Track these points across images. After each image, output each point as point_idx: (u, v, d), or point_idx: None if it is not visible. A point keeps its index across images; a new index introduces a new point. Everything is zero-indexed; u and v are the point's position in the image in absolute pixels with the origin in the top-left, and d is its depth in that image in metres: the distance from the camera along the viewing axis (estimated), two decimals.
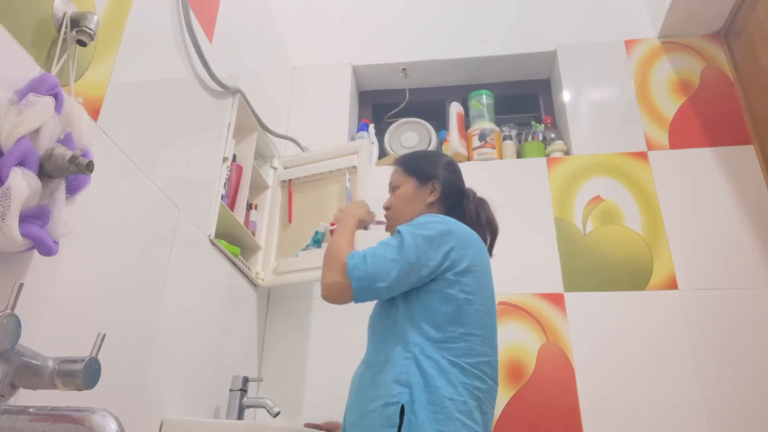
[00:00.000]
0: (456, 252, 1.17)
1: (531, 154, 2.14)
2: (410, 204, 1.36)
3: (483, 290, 1.21)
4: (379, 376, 1.11)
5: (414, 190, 1.37)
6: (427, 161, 1.42)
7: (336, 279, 1.12)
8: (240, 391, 1.57)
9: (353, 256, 1.13)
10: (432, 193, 1.36)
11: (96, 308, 1.02)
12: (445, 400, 1.05)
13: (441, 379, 1.07)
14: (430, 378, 1.06)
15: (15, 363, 0.72)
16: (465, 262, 1.17)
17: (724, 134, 1.98)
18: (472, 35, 2.41)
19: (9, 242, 0.75)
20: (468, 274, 1.17)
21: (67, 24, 0.95)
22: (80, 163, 0.83)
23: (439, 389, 1.06)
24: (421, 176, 1.37)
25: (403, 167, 1.42)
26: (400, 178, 1.41)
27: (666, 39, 2.19)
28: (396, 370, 1.09)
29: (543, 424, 1.67)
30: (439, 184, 1.36)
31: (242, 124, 1.82)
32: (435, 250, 1.15)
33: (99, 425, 0.64)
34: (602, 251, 1.88)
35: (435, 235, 1.17)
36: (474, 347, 1.13)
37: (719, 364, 1.67)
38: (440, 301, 1.14)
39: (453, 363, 1.09)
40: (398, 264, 1.12)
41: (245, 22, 1.90)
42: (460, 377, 1.08)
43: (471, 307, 1.15)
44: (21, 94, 0.82)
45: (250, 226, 1.86)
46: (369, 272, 1.11)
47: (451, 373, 1.08)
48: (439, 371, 1.08)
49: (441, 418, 1.03)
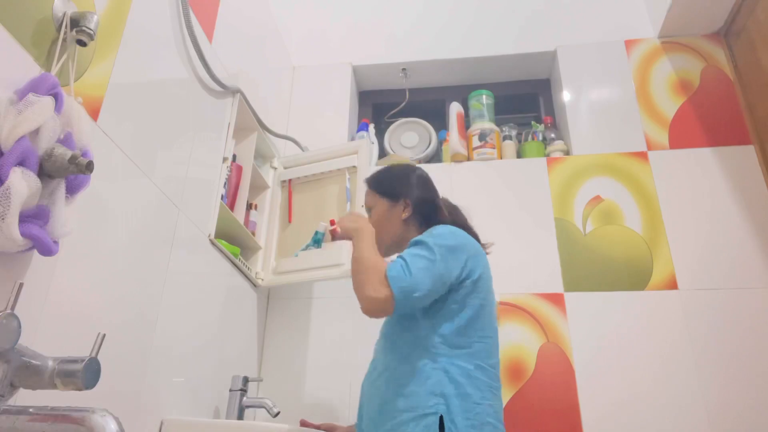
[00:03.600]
0: (471, 261, 1.22)
1: (531, 154, 2.14)
2: (384, 225, 1.38)
3: (490, 295, 1.27)
4: (406, 389, 1.14)
5: (387, 211, 1.39)
6: (396, 180, 1.43)
7: (380, 291, 1.11)
8: (240, 391, 1.57)
9: (392, 267, 1.13)
10: (405, 210, 1.38)
11: (96, 308, 1.02)
12: (476, 407, 1.10)
13: (470, 386, 1.12)
14: (461, 386, 1.11)
15: (15, 363, 0.72)
16: (478, 270, 1.23)
17: (724, 134, 1.98)
18: (472, 35, 2.41)
19: (9, 242, 0.75)
20: (481, 281, 1.23)
21: (66, 24, 0.95)
22: (80, 163, 0.83)
23: (470, 396, 1.11)
24: (392, 195, 1.40)
25: (374, 188, 1.44)
26: (373, 200, 1.43)
27: (666, 39, 2.19)
28: (428, 381, 1.12)
29: (543, 423, 1.67)
30: (410, 200, 1.38)
31: (242, 124, 1.82)
32: (456, 261, 1.19)
33: (99, 425, 0.64)
34: (602, 251, 1.88)
35: (455, 245, 1.21)
36: (490, 349, 1.19)
37: (719, 364, 1.67)
38: (460, 308, 1.18)
39: (478, 366, 1.15)
40: (431, 273, 1.14)
41: (245, 22, 1.90)
42: (485, 380, 1.14)
43: (485, 311, 1.21)
44: (21, 94, 0.82)
45: (250, 226, 1.86)
46: (410, 282, 1.11)
47: (477, 378, 1.13)
48: (468, 378, 1.13)
49: (476, 424, 1.08)
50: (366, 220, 1.34)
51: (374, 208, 1.41)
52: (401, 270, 1.12)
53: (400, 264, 1.14)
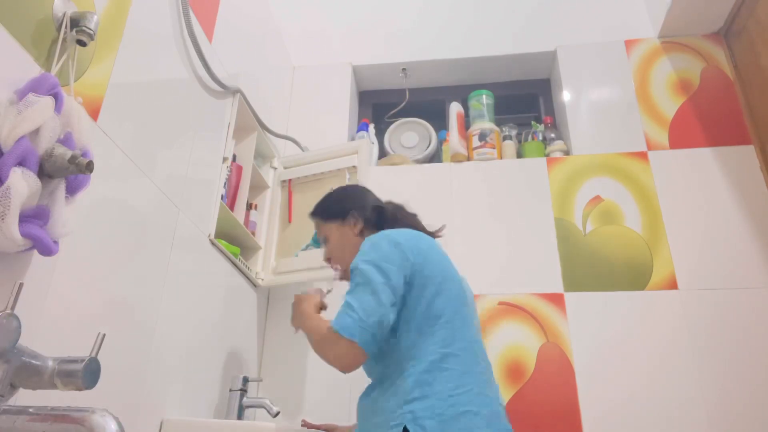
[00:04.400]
0: (412, 255, 1.20)
1: (531, 154, 2.14)
2: (343, 247, 1.39)
3: (446, 273, 1.24)
4: (377, 404, 1.15)
5: (340, 232, 1.40)
6: (335, 201, 1.45)
7: (339, 348, 1.11)
8: (240, 391, 1.57)
9: (336, 320, 1.13)
10: (356, 225, 1.39)
11: (96, 308, 1.02)
12: (449, 399, 1.08)
13: (440, 381, 1.10)
14: (428, 386, 1.09)
15: (15, 363, 0.72)
16: (420, 258, 1.21)
17: (724, 134, 1.98)
18: (472, 35, 2.41)
19: (9, 242, 0.75)
20: (428, 266, 1.21)
21: (66, 24, 0.95)
22: (80, 163, 0.83)
23: (439, 393, 1.09)
24: (338, 216, 1.41)
25: (320, 217, 1.45)
26: (324, 229, 1.44)
27: (666, 39, 2.19)
28: (397, 393, 1.11)
29: (543, 424, 1.67)
30: (357, 213, 1.39)
31: (242, 124, 1.82)
32: (397, 263, 1.18)
33: (99, 425, 0.64)
34: (602, 251, 1.88)
35: (387, 250, 1.20)
36: (457, 330, 1.17)
37: (719, 364, 1.67)
38: (417, 303, 1.17)
39: (447, 355, 1.13)
40: (376, 291, 1.13)
41: (245, 22, 1.90)
42: (457, 368, 1.12)
43: (441, 295, 1.19)
44: (21, 94, 0.82)
45: (250, 226, 1.86)
46: (359, 317, 1.10)
47: (448, 369, 1.11)
48: (439, 372, 1.11)
49: (448, 418, 1.06)
50: (300, 305, 1.34)
51: (329, 236, 1.43)
52: (345, 315, 1.12)
53: (342, 311, 1.13)
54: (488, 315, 1.83)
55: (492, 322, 1.83)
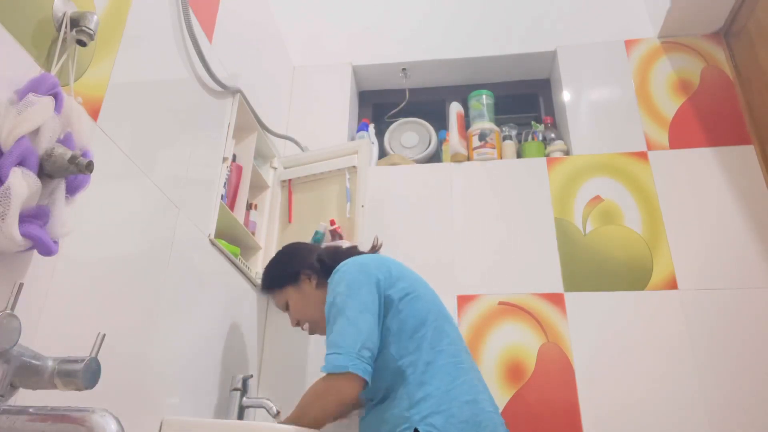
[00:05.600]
0: (379, 271, 1.25)
1: (531, 154, 2.14)
2: (306, 305, 1.43)
3: (413, 280, 1.31)
4: (385, 414, 1.17)
5: (298, 293, 1.45)
6: (281, 269, 1.50)
7: (337, 387, 1.14)
8: (240, 391, 1.57)
9: (325, 366, 1.16)
10: (311, 279, 1.44)
11: (96, 308, 1.02)
12: (450, 392, 1.13)
13: (437, 378, 1.14)
14: (428, 385, 1.13)
15: (15, 363, 0.72)
16: (386, 272, 1.26)
17: (724, 134, 1.98)
18: (472, 35, 2.41)
19: (9, 242, 0.75)
20: (397, 276, 1.27)
21: (66, 24, 0.94)
22: (80, 163, 0.83)
23: (438, 389, 1.12)
24: (291, 280, 1.46)
25: (274, 287, 1.50)
26: (280, 297, 1.49)
27: (666, 39, 2.19)
28: (401, 401, 1.14)
29: (543, 424, 1.67)
30: (307, 269, 1.45)
31: (242, 124, 1.82)
32: (366, 282, 1.22)
33: (99, 425, 0.64)
34: (602, 251, 1.88)
35: (352, 280, 1.24)
36: (440, 331, 1.23)
37: (719, 364, 1.67)
38: (398, 313, 1.22)
39: (440, 352, 1.18)
40: (354, 319, 1.16)
41: (245, 22, 1.90)
42: (448, 360, 1.18)
43: (420, 301, 1.25)
44: (21, 94, 0.82)
45: (250, 226, 1.86)
46: (346, 350, 1.13)
47: (442, 366, 1.17)
48: (434, 372, 1.16)
49: (454, 409, 1.11)
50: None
51: (289, 301, 1.47)
52: (331, 356, 1.14)
53: (327, 353, 1.16)
54: (488, 315, 1.83)
55: (492, 322, 1.83)
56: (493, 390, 1.72)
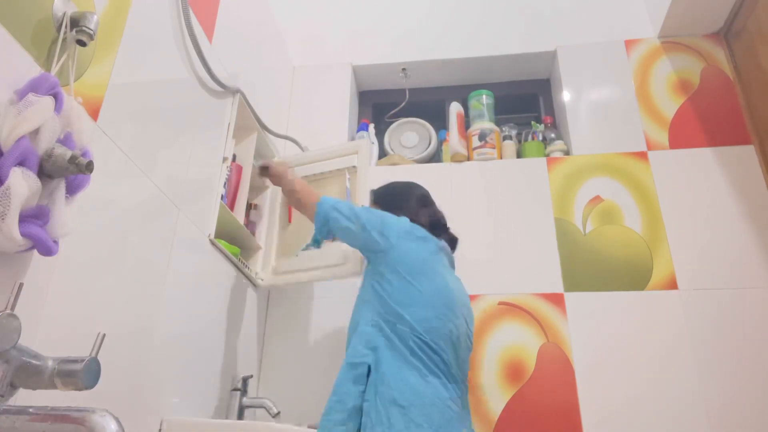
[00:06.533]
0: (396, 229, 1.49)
1: (531, 154, 2.14)
2: None
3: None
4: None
5: None
6: (394, 203, 1.70)
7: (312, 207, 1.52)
8: (240, 391, 1.57)
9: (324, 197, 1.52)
10: None
11: (96, 308, 1.02)
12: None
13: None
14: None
15: (15, 363, 0.72)
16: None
17: (724, 134, 1.98)
18: (472, 35, 2.41)
19: (9, 242, 0.75)
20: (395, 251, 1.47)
21: (66, 24, 0.95)
22: (80, 163, 0.83)
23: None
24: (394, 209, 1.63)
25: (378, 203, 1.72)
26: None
27: (666, 39, 2.19)
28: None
29: (543, 424, 1.66)
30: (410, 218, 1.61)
31: (242, 124, 1.82)
32: (388, 222, 1.49)
33: (99, 425, 0.64)
34: (602, 251, 1.88)
35: (396, 221, 1.51)
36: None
37: (719, 364, 1.67)
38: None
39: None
40: (359, 209, 1.47)
41: (245, 22, 1.90)
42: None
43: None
44: (21, 94, 0.82)
45: (250, 226, 1.86)
46: (344, 211, 1.47)
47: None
48: None
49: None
50: (280, 172, 1.67)
51: None
52: (337, 202, 1.49)
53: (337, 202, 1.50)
54: (488, 315, 1.83)
55: (492, 322, 1.83)
56: (493, 390, 1.73)
